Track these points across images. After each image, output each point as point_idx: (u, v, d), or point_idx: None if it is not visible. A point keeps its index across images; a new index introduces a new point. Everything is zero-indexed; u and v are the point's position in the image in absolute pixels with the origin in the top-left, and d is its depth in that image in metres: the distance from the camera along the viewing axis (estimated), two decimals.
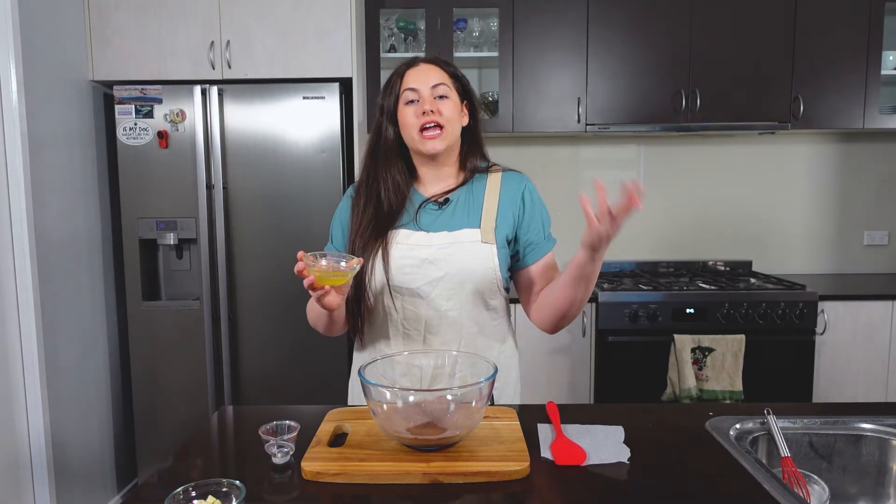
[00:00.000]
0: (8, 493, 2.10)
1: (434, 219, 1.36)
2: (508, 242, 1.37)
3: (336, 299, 1.19)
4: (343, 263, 1.16)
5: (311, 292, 1.16)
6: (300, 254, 1.12)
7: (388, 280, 1.32)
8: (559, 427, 1.14)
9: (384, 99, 1.36)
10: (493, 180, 1.39)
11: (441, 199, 1.37)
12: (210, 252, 2.52)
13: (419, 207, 1.36)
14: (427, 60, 1.36)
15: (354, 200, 1.39)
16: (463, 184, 1.39)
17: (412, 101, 1.32)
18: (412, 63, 1.36)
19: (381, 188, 1.35)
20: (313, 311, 1.34)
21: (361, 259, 1.20)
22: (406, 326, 1.35)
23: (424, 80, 1.32)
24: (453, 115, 1.33)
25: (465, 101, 1.38)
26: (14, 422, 2.14)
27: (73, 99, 2.43)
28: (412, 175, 1.40)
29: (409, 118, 1.32)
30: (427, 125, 1.30)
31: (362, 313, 1.38)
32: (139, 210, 2.52)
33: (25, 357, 2.16)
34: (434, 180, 1.39)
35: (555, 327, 1.36)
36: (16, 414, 2.15)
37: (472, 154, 1.41)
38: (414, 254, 1.31)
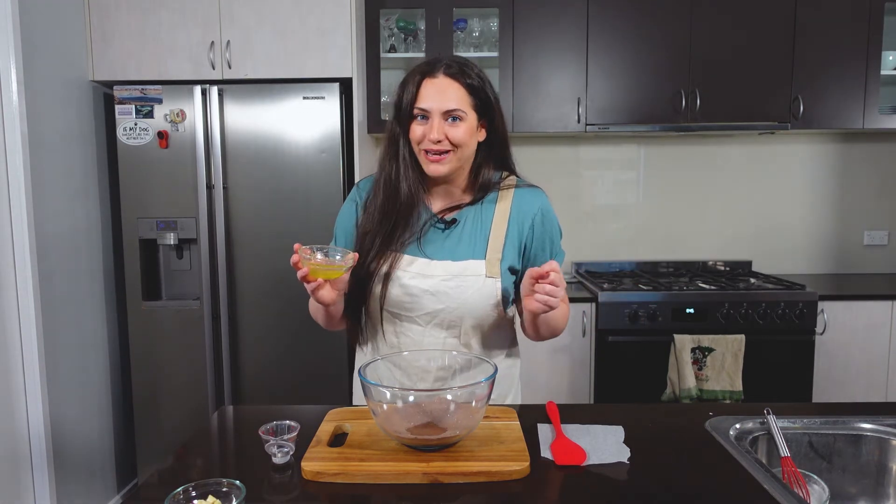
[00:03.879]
0: (9, 493, 2.10)
1: (439, 243, 1.31)
2: (513, 271, 1.33)
3: (330, 294, 1.17)
4: (338, 258, 1.15)
5: (304, 285, 1.15)
6: (296, 245, 1.12)
7: (381, 306, 1.30)
8: (559, 427, 1.14)
9: (400, 98, 1.27)
10: (505, 201, 1.33)
11: (448, 219, 1.32)
12: (210, 252, 2.52)
13: (424, 225, 1.31)
14: (448, 72, 1.24)
15: (370, 199, 1.33)
16: (472, 203, 1.33)
17: (423, 118, 1.24)
18: (431, 71, 1.25)
19: (400, 191, 1.28)
20: (313, 304, 1.32)
21: (357, 254, 1.18)
22: (401, 347, 1.33)
23: (439, 100, 1.22)
24: (464, 139, 1.24)
25: (483, 118, 1.29)
26: (14, 422, 2.14)
27: (73, 99, 2.43)
28: (424, 185, 1.32)
29: (416, 134, 1.25)
30: (432, 151, 1.24)
31: (363, 325, 1.37)
32: (139, 210, 2.52)
33: (25, 357, 2.16)
34: (443, 194, 1.34)
35: (540, 340, 1.38)
36: (16, 414, 2.15)
37: (487, 164, 1.34)
38: (415, 283, 1.27)
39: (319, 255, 1.14)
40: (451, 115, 1.23)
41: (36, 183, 2.18)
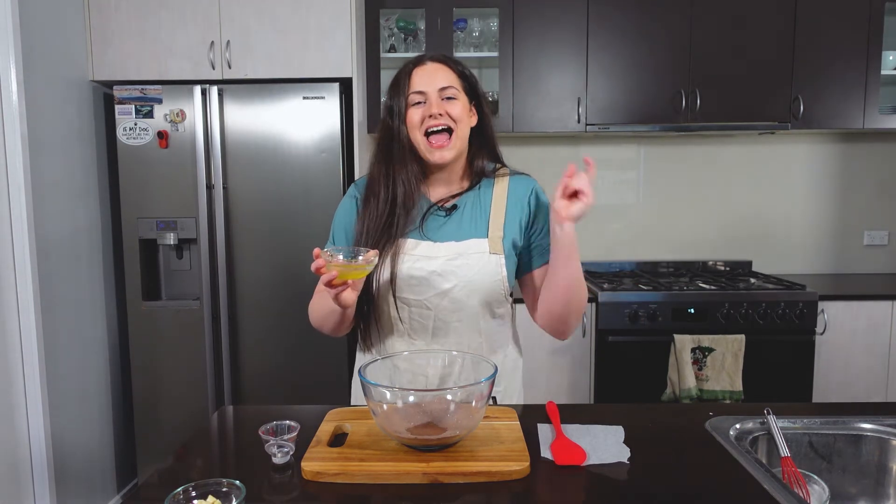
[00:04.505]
0: (8, 493, 2.10)
1: (440, 226, 1.34)
2: (515, 249, 1.36)
3: (352, 296, 1.18)
4: (360, 258, 1.15)
5: (328, 290, 1.15)
6: (317, 251, 1.11)
7: (393, 291, 1.31)
8: (559, 427, 1.14)
9: (392, 99, 1.32)
10: (501, 185, 1.37)
11: (448, 206, 1.35)
12: (210, 252, 2.52)
13: (426, 213, 1.34)
14: (435, 59, 1.33)
15: (365, 200, 1.35)
16: (470, 188, 1.37)
17: (419, 103, 1.29)
18: (419, 61, 1.32)
19: (397, 190, 1.32)
20: (321, 310, 1.31)
21: (378, 251, 1.20)
22: (412, 335, 1.34)
23: (431, 81, 1.29)
24: (462, 116, 1.30)
25: (473, 102, 1.35)
26: (14, 422, 2.14)
27: (73, 99, 2.43)
28: (423, 176, 1.36)
29: (415, 119, 1.29)
30: (434, 128, 1.27)
31: (370, 320, 1.36)
32: (139, 210, 2.52)
33: (25, 357, 2.16)
34: (442, 183, 1.37)
35: (561, 328, 1.33)
36: (16, 414, 2.15)
37: (480, 155, 1.38)
38: (420, 265, 1.29)
39: (341, 257, 1.15)
40: (445, 94, 1.29)
41: (36, 183, 2.18)
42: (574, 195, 1.17)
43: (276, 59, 2.48)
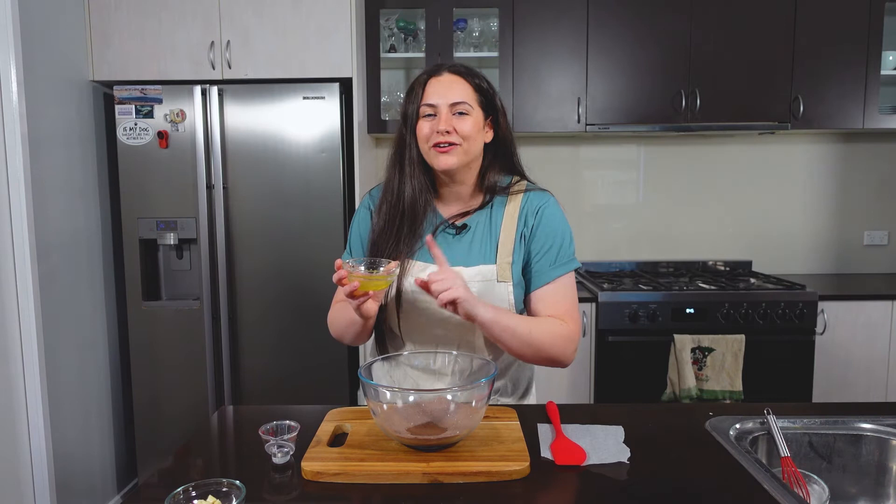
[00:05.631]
0: (9, 492, 2.10)
1: (451, 249, 1.30)
2: (524, 272, 1.33)
3: (374, 307, 1.18)
4: (381, 269, 1.15)
5: (350, 301, 1.15)
6: (339, 262, 1.12)
7: (398, 313, 1.31)
8: (559, 427, 1.14)
9: (406, 106, 1.30)
10: (514, 204, 1.33)
11: (459, 224, 1.32)
12: (210, 252, 2.52)
13: (436, 230, 1.32)
14: (452, 70, 1.28)
15: (377, 209, 1.34)
16: (482, 206, 1.33)
17: (430, 116, 1.26)
18: (436, 71, 1.29)
19: (404, 198, 1.30)
20: (343, 321, 1.30)
21: (398, 262, 1.19)
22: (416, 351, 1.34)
23: (444, 95, 1.25)
24: (472, 133, 1.26)
25: (489, 117, 1.31)
26: (14, 422, 2.14)
27: (73, 99, 2.43)
28: (434, 191, 1.34)
29: (424, 132, 1.26)
30: (441, 144, 1.24)
31: (382, 331, 1.39)
32: (139, 210, 2.52)
33: (25, 357, 2.16)
34: (453, 198, 1.34)
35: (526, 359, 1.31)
36: (16, 414, 2.15)
37: (493, 170, 1.34)
38: None
39: (362, 268, 1.15)
40: (457, 110, 1.25)
41: (36, 183, 2.18)
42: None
43: (276, 59, 2.48)
